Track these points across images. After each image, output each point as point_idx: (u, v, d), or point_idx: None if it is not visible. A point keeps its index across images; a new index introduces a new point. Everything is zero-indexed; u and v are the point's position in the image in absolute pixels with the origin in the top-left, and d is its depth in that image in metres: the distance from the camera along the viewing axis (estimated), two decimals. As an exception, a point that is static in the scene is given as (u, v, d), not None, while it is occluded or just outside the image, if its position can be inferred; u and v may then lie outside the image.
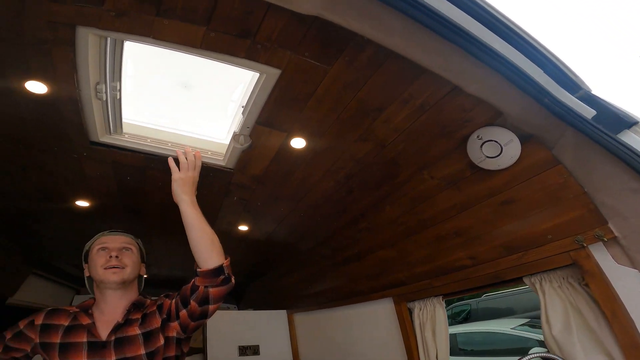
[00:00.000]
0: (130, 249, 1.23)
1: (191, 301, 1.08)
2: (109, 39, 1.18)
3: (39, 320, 1.11)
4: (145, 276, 1.38)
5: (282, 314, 4.11)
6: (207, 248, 1.11)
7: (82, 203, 2.37)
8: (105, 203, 2.36)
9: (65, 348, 1.03)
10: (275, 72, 1.24)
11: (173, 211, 1.32)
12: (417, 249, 1.98)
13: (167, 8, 1.01)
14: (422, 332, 2.10)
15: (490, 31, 1.04)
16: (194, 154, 1.33)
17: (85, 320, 1.10)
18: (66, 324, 1.09)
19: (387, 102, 1.36)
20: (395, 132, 1.51)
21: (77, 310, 1.14)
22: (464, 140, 1.49)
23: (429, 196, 1.78)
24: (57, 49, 1.14)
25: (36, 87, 1.31)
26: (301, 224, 2.53)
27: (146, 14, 1.03)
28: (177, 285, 1.55)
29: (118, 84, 1.41)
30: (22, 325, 1.11)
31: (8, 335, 1.09)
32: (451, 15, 0.95)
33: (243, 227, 2.69)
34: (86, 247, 1.25)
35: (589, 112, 1.21)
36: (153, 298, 1.29)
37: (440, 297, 2.00)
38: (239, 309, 6.35)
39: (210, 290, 1.08)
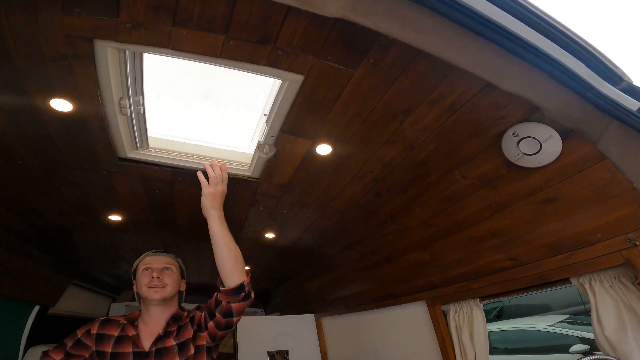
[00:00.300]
0: (171, 268, 1.33)
1: (216, 314, 1.18)
2: (127, 52, 1.16)
3: (94, 330, 1.21)
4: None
5: (309, 318, 4.10)
6: (231, 265, 1.18)
7: (115, 217, 2.44)
8: (137, 216, 2.42)
9: (115, 357, 1.15)
10: (298, 78, 1.21)
11: (201, 222, 1.35)
12: (450, 251, 1.91)
13: (183, 18, 0.99)
14: (459, 335, 2.03)
15: (525, 25, 0.98)
16: (219, 166, 1.36)
17: (131, 332, 1.20)
18: (116, 334, 1.20)
19: (415, 103, 1.32)
20: (424, 133, 1.46)
21: (125, 322, 1.25)
22: (498, 138, 1.42)
23: (461, 197, 1.72)
24: (77, 64, 1.14)
25: (61, 104, 1.32)
26: (328, 229, 2.51)
27: (163, 25, 1.01)
28: (206, 292, 1.57)
29: (141, 98, 1.41)
30: (79, 334, 1.22)
31: (69, 344, 1.20)
32: (484, 11, 0.90)
33: (269, 235, 2.70)
34: (134, 266, 1.37)
35: (633, 104, 1.13)
36: (190, 308, 1.36)
37: (478, 299, 1.93)
38: (265, 313, 6.42)
39: (233, 305, 1.16)
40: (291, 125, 1.44)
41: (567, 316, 5.21)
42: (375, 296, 2.84)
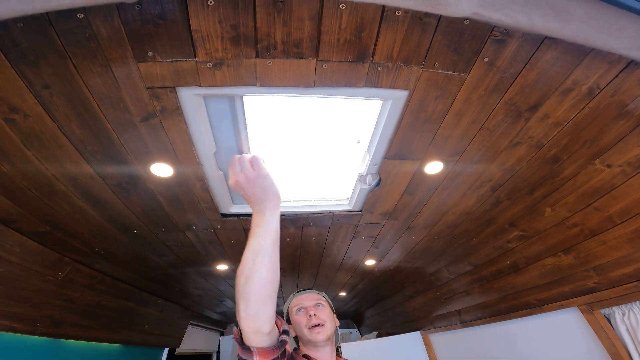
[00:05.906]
0: (322, 304, 1.24)
1: None
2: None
3: None
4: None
5: (416, 335, 3.85)
6: (271, 293, 0.80)
7: (222, 267, 2.55)
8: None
9: None
10: (402, 95, 1.08)
11: (299, 258, 1.21)
12: (607, 251, 1.58)
13: (266, 45, 0.87)
14: (635, 337, 1.70)
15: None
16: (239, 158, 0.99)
17: None
18: None
19: (544, 96, 1.10)
20: (556, 127, 1.23)
21: None
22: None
23: (610, 187, 1.42)
24: (167, 121, 1.09)
25: (162, 169, 1.30)
26: (434, 246, 2.30)
27: (245, 57, 0.90)
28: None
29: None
30: None
31: None
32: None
33: (370, 262, 2.58)
34: (285, 310, 1.30)
35: None
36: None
37: (653, 298, 1.58)
38: (361, 334, 6.24)
39: None
40: (397, 148, 1.31)
41: None
42: (499, 308, 2.52)
